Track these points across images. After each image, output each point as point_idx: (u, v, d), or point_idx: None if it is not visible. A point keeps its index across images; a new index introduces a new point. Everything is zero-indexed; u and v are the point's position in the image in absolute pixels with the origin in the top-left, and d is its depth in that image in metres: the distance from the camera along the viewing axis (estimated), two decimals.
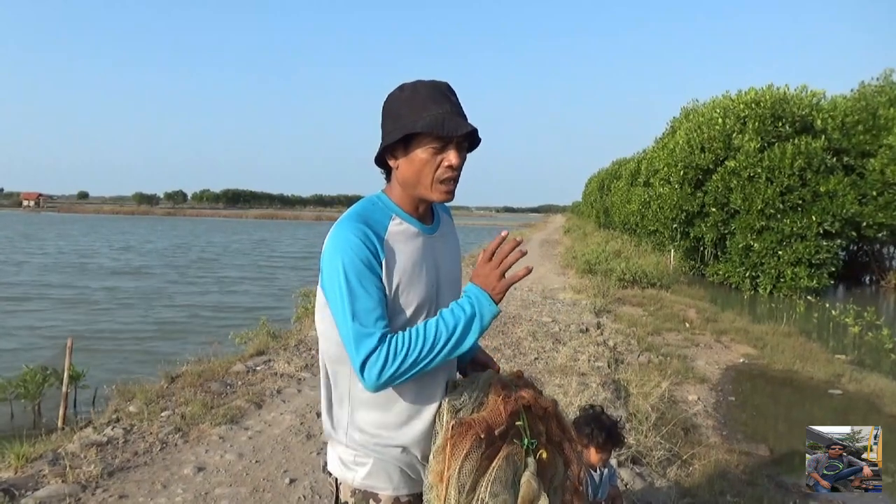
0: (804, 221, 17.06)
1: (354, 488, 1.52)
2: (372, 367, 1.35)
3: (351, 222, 1.44)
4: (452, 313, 1.41)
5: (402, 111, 1.45)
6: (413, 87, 1.47)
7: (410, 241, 1.50)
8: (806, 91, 19.69)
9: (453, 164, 1.44)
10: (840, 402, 7.15)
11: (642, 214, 25.03)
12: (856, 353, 10.25)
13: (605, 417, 2.82)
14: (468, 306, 1.41)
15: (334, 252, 1.42)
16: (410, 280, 1.47)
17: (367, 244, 1.41)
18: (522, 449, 1.39)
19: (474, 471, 1.33)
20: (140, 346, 10.88)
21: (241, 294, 18.75)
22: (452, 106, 1.44)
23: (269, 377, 6.25)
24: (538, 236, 41.52)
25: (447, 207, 1.76)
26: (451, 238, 1.68)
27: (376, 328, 1.37)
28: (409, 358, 1.36)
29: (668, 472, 4.36)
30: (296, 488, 3.86)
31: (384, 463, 1.50)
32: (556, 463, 1.46)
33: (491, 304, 1.41)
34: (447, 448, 1.35)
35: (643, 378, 6.43)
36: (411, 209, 1.53)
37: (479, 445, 1.34)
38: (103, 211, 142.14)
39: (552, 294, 12.91)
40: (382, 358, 1.35)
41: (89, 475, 3.86)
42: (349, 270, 1.39)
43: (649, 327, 9.99)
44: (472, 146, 1.54)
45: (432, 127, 1.39)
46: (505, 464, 1.35)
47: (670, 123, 27.56)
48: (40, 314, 13.98)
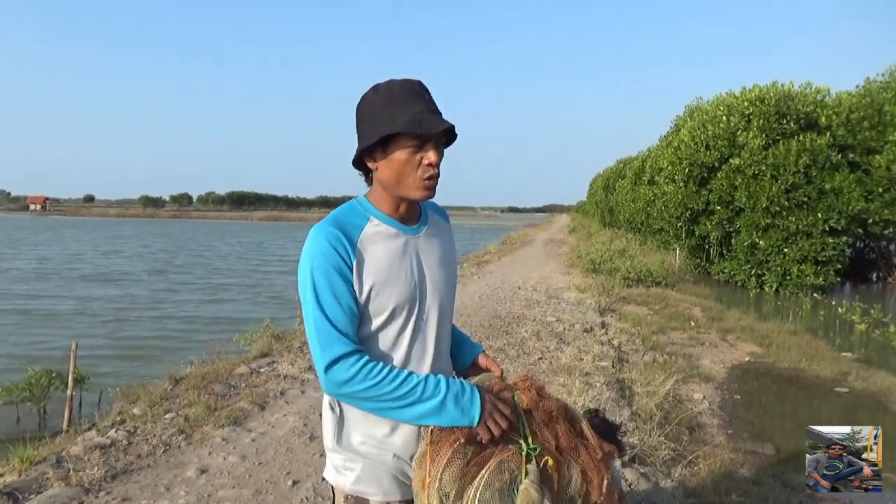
0: (810, 219, 16.98)
1: (347, 494, 1.52)
2: (340, 371, 1.36)
3: (324, 227, 1.45)
4: (437, 384, 1.39)
5: (378, 112, 1.45)
6: (387, 87, 1.47)
7: (388, 243, 1.50)
8: (810, 88, 19.59)
9: (433, 162, 1.44)
10: (847, 400, 7.10)
11: (647, 213, 24.97)
12: (862, 350, 10.19)
13: (606, 424, 2.79)
14: (455, 393, 1.39)
15: (305, 258, 1.45)
16: (386, 281, 1.47)
17: (337, 249, 1.42)
18: (522, 456, 1.34)
19: (459, 478, 1.29)
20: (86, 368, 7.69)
21: (226, 303, 17.04)
22: (427, 104, 1.44)
23: (273, 379, 6.25)
24: (543, 236, 41.49)
25: (443, 210, 1.75)
26: (442, 239, 1.66)
27: (345, 332, 1.39)
28: (375, 390, 1.36)
29: (673, 471, 4.33)
30: (298, 490, 3.85)
31: (374, 468, 1.49)
32: (569, 471, 1.39)
33: (476, 413, 1.37)
34: (428, 454, 1.34)
35: (648, 377, 6.41)
36: (391, 210, 1.53)
37: (464, 452, 1.31)
38: (109, 214, 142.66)
39: (557, 293, 12.88)
40: (355, 370, 1.36)
41: (92, 478, 3.86)
42: (317, 275, 1.41)
43: (654, 326, 9.96)
44: (448, 142, 1.54)
45: (410, 127, 1.40)
46: (497, 471, 1.30)
47: (675, 121, 27.49)
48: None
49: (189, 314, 15.14)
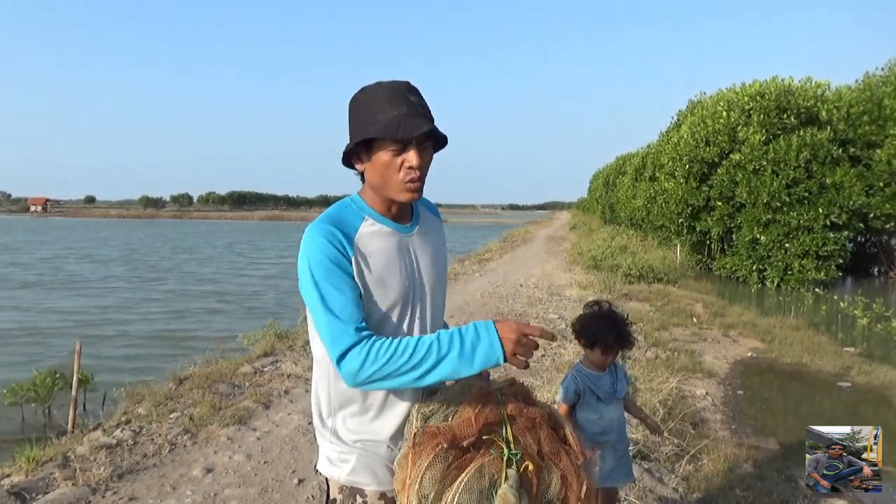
0: (811, 213, 16.95)
1: (342, 485, 1.55)
2: (351, 361, 1.35)
3: (320, 225, 1.46)
4: (451, 338, 1.35)
5: (361, 116, 1.46)
6: (371, 89, 1.47)
7: (383, 241, 1.51)
8: (810, 82, 19.55)
9: (413, 165, 1.43)
10: (850, 394, 7.11)
11: (648, 209, 24.96)
12: (865, 345, 10.19)
13: (612, 315, 2.63)
14: (471, 339, 1.34)
15: (303, 254, 1.45)
16: (382, 280, 1.48)
17: (334, 243, 1.43)
18: (502, 460, 1.34)
19: (439, 480, 1.30)
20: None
21: (191, 319, 14.29)
22: (410, 107, 1.42)
23: (277, 378, 6.27)
24: (544, 233, 41.48)
25: (434, 206, 1.76)
26: (434, 236, 1.67)
27: (352, 322, 1.38)
28: (391, 366, 1.34)
29: (677, 467, 4.35)
30: (304, 488, 3.87)
31: (367, 459, 1.52)
32: (548, 476, 1.40)
33: (499, 352, 1.32)
34: (409, 456, 1.35)
35: (651, 373, 6.41)
36: (384, 210, 1.54)
37: (445, 456, 1.32)
38: (110, 215, 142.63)
39: (558, 290, 12.89)
40: (363, 355, 1.35)
41: (99, 478, 3.88)
42: (316, 269, 1.42)
43: (656, 322, 9.96)
44: (438, 143, 1.53)
45: (387, 131, 1.39)
46: (477, 475, 1.31)
47: (676, 117, 27.46)
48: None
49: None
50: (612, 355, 2.63)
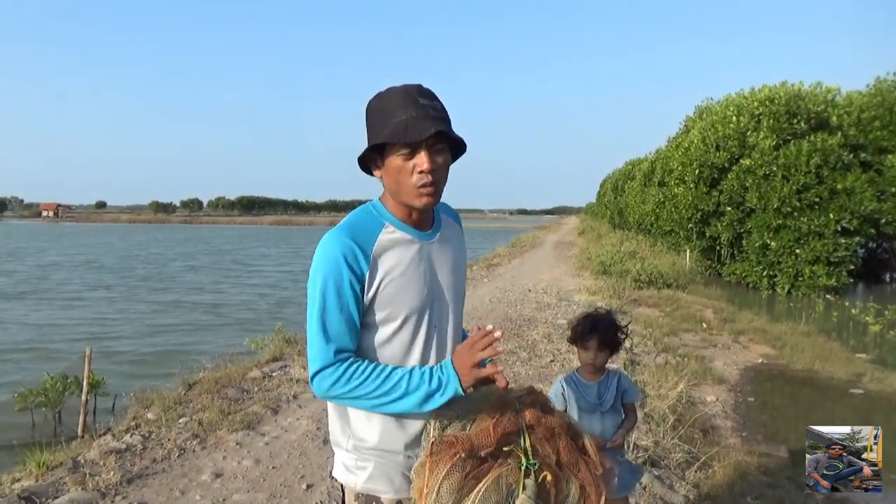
0: (822, 219, 16.85)
1: (358, 492, 1.55)
2: (323, 379, 1.42)
3: (339, 235, 1.46)
4: (422, 376, 1.42)
5: (373, 121, 1.46)
6: (384, 95, 1.46)
7: (402, 250, 1.50)
8: (821, 87, 19.47)
9: (424, 169, 1.41)
10: (862, 401, 7.04)
11: (657, 215, 24.86)
12: (877, 351, 10.09)
13: (598, 314, 2.63)
14: (436, 380, 1.42)
15: (317, 265, 1.46)
16: (399, 289, 1.48)
17: (349, 260, 1.43)
18: (520, 470, 1.33)
19: (457, 490, 1.29)
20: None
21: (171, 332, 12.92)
22: (419, 109, 1.40)
23: (285, 382, 6.27)
24: (552, 238, 41.40)
25: (455, 212, 1.75)
26: (453, 242, 1.66)
27: (336, 342, 1.43)
28: (360, 389, 1.41)
29: (688, 474, 4.32)
30: (313, 494, 3.86)
31: (385, 467, 1.52)
32: (567, 486, 1.39)
33: (457, 387, 1.40)
34: (427, 465, 1.34)
35: (660, 379, 6.37)
36: (404, 216, 1.53)
37: (463, 465, 1.31)
38: (120, 220, 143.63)
39: (567, 296, 12.85)
40: (337, 375, 1.41)
41: (108, 482, 3.89)
42: (327, 286, 1.44)
43: (666, 328, 9.91)
44: (455, 146, 1.51)
45: (395, 135, 1.39)
46: (494, 485, 1.30)
47: (684, 122, 27.39)
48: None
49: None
50: (597, 356, 2.55)
